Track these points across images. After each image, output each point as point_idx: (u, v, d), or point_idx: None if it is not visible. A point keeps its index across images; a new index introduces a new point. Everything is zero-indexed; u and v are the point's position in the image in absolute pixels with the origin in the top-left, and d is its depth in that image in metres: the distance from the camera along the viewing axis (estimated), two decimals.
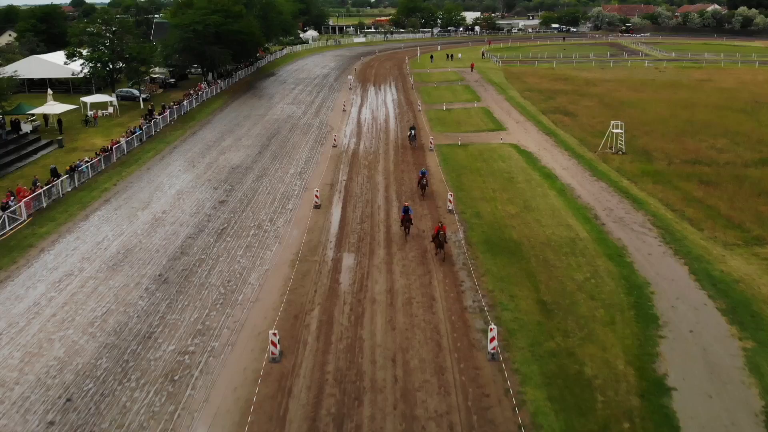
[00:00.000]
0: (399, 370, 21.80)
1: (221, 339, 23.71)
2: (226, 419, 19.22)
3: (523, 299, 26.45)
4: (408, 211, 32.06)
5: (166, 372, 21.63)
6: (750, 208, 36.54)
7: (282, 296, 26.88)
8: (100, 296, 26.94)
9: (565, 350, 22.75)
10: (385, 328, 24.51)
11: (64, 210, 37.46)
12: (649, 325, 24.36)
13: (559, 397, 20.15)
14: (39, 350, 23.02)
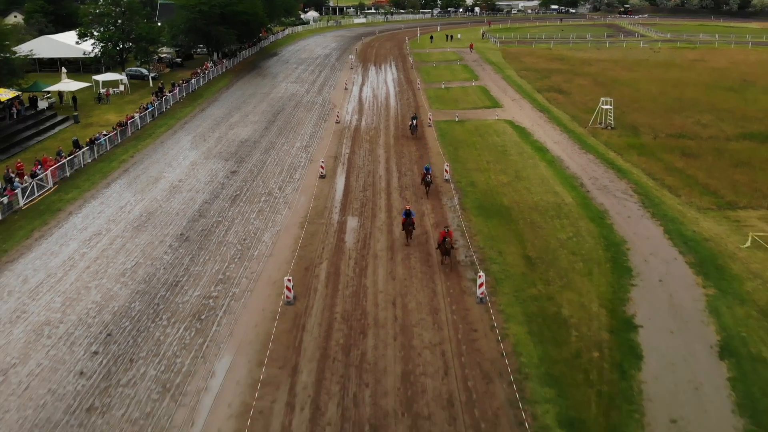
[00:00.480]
0: (398, 310, 24.66)
1: (240, 286, 26.56)
2: (250, 348, 22.14)
3: (511, 254, 29.25)
4: (410, 214, 29.50)
5: (193, 312, 24.51)
6: (726, 178, 39.24)
7: (293, 252, 29.67)
8: (128, 252, 29.76)
9: (546, 295, 25.59)
10: (386, 278, 27.33)
11: (86, 179, 40.18)
12: (622, 275, 27.18)
13: (538, 332, 23.03)
14: (78, 296, 25.87)
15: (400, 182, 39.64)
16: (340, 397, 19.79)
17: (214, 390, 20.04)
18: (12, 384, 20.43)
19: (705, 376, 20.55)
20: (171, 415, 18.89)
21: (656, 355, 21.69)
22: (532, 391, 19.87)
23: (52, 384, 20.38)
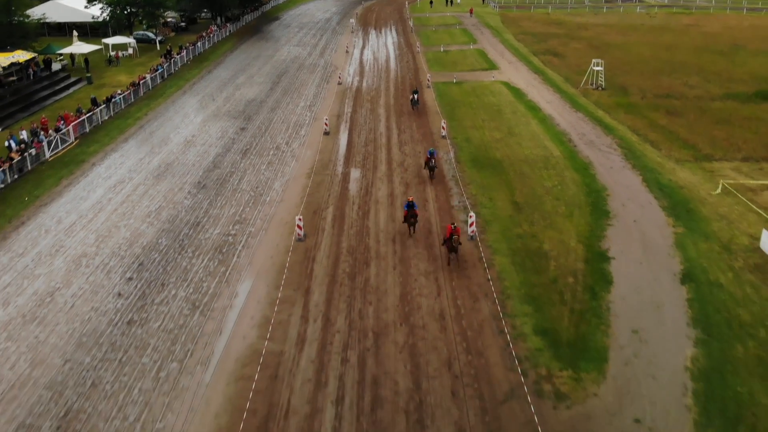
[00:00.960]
0: (398, 246, 27.55)
1: (256, 226, 29.42)
2: (267, 275, 25.09)
3: (500, 200, 32.04)
4: (413, 206, 27.66)
5: (215, 247, 27.42)
6: (706, 134, 41.83)
7: (302, 198, 32.47)
8: (151, 197, 32.57)
9: (530, 234, 28.45)
10: (386, 220, 30.17)
11: (105, 134, 42.80)
12: (600, 217, 30.02)
13: (521, 263, 25.95)
14: (109, 234, 28.75)
15: (400, 138, 42.23)
16: (347, 312, 22.78)
17: (238, 307, 23.04)
18: (59, 303, 23.41)
19: (666, 297, 23.50)
20: (201, 326, 21.90)
21: (625, 280, 24.63)
22: (512, 308, 22.85)
23: (94, 303, 23.36)
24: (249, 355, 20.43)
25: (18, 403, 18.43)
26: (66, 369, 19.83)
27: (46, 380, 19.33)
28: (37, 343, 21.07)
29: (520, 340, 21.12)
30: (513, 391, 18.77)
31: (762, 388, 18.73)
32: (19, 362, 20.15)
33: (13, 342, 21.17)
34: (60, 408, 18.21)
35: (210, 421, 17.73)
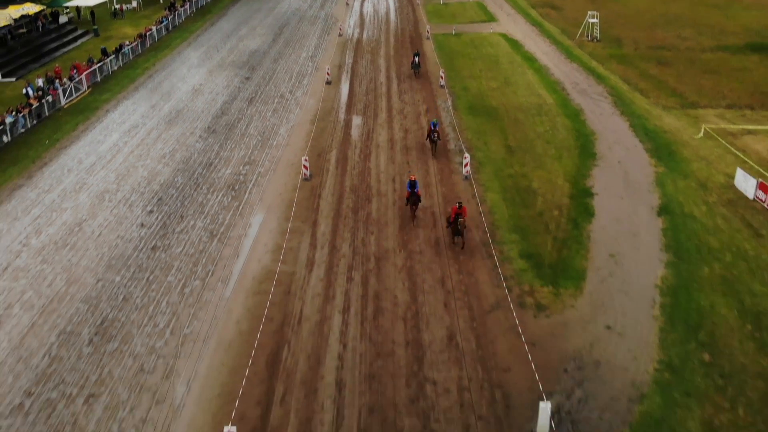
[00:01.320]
0: (397, 185, 29.61)
1: (264, 167, 31.44)
2: (277, 209, 27.24)
3: (494, 144, 33.97)
4: (415, 186, 25.62)
5: (227, 185, 29.49)
6: (694, 83, 43.47)
7: (307, 142, 34.38)
8: (165, 141, 34.51)
9: (520, 174, 30.48)
10: (387, 162, 32.17)
11: (116, 83, 44.44)
12: (587, 158, 32.00)
13: (511, 199, 28.05)
14: (128, 173, 30.79)
15: (399, 87, 43.89)
16: (351, 240, 25.00)
17: (252, 235, 25.24)
18: (87, 233, 25.60)
19: (643, 227, 25.68)
20: (220, 251, 24.14)
21: (606, 213, 26.78)
22: (501, 236, 25.05)
23: (120, 232, 25.56)
24: (264, 275, 22.70)
25: (58, 314, 20.75)
26: (99, 286, 22.12)
27: (81, 295, 21.62)
28: (70, 265, 23.32)
29: (506, 262, 23.36)
30: (498, 303, 21.08)
31: (723, 302, 21.02)
32: (55, 281, 22.43)
33: (49, 264, 23.43)
34: (96, 318, 20.54)
35: (232, 326, 20.08)
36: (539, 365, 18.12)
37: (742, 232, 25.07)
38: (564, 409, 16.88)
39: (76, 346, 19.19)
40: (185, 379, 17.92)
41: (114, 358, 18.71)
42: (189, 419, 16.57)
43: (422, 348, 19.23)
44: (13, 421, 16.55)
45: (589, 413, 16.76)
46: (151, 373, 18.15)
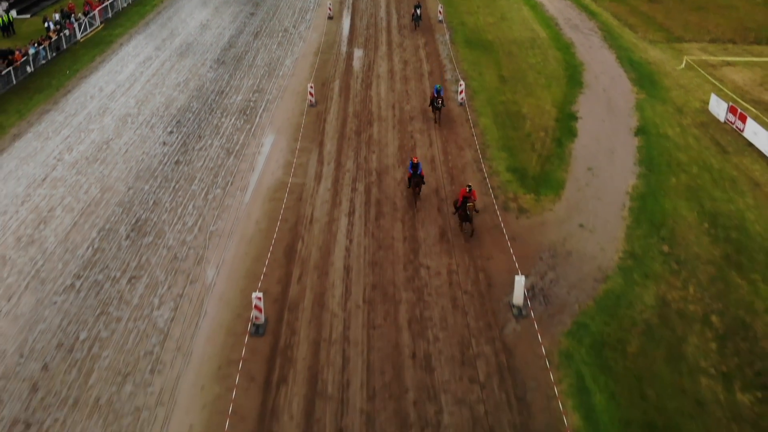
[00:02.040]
0: (397, 111, 31.97)
1: (272, 94, 33.74)
2: (286, 131, 29.69)
3: (488, 75, 36.15)
4: (417, 167, 23.38)
5: (239, 110, 31.87)
6: (682, 19, 45.26)
7: (311, 73, 36.54)
8: (178, 71, 36.68)
9: (512, 101, 32.81)
10: (387, 90, 34.44)
11: (127, 19, 46.23)
12: (575, 87, 34.27)
13: (501, 122, 30.46)
14: (146, 99, 33.11)
15: (399, 23, 45.71)
16: (355, 157, 27.56)
17: (265, 153, 27.79)
18: (114, 150, 28.14)
19: (620, 145, 28.21)
20: (237, 165, 26.74)
21: (587, 134, 29.26)
22: (491, 154, 27.61)
23: (145, 149, 28.10)
24: (278, 186, 25.37)
25: (96, 215, 23.48)
26: (131, 193, 24.81)
27: (115, 200, 24.33)
28: (102, 177, 25.96)
29: (494, 175, 25.99)
30: (485, 207, 23.78)
31: (685, 205, 23.72)
32: (91, 189, 25.11)
33: (83, 176, 26.06)
34: (131, 218, 23.29)
35: (252, 225, 22.85)
36: (518, 255, 20.94)
37: (710, 149, 27.61)
38: (537, 287, 19.78)
39: (115, 240, 22.00)
40: (214, 264, 20.78)
41: (150, 249, 21.54)
42: (219, 294, 19.49)
43: (418, 242, 22.04)
44: (66, 297, 19.46)
45: (559, 290, 19.66)
46: (183, 260, 20.99)
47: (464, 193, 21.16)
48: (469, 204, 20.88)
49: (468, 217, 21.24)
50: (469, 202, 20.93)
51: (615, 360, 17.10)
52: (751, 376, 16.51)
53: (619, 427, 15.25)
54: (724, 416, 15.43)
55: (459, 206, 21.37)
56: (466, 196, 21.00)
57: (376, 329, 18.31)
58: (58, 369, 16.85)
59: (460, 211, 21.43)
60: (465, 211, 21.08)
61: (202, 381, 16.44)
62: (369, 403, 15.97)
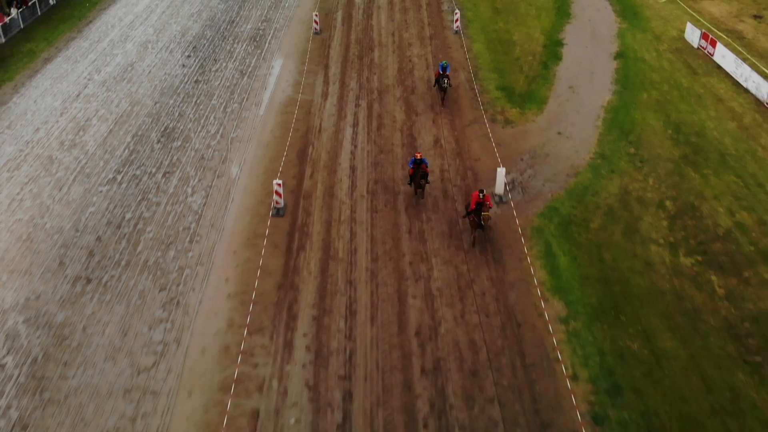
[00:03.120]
0: (396, 37, 34.50)
1: (280, 23, 36.18)
2: (293, 56, 32.31)
3: (483, 6, 38.46)
4: (421, 163, 20.96)
5: (250, 37, 34.40)
6: None
7: (315, 4, 38.82)
8: (191, 3, 39.00)
9: (503, 29, 35.28)
10: (387, 20, 36.85)
11: None
12: (563, 17, 36.63)
13: (494, 48, 33.03)
14: (163, 27, 35.57)
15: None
16: (358, 78, 30.28)
17: (275, 74, 30.49)
18: (138, 71, 30.81)
19: (600, 68, 30.86)
20: (250, 85, 29.49)
21: (571, 58, 31.87)
22: (482, 75, 30.30)
23: (166, 70, 30.78)
24: (288, 101, 28.18)
25: (129, 124, 26.37)
26: (157, 107, 27.65)
27: (144, 112, 27.19)
28: (131, 93, 28.74)
29: (484, 93, 28.77)
30: (475, 119, 26.67)
31: (653, 116, 26.55)
32: (121, 103, 27.93)
33: (113, 92, 28.84)
34: (160, 126, 26.20)
35: (268, 133, 25.79)
36: (502, 156, 23.93)
37: (682, 71, 30.30)
38: (517, 181, 22.85)
39: (148, 144, 24.97)
40: (237, 163, 23.81)
41: (180, 151, 24.53)
42: (243, 186, 22.57)
43: (415, 147, 24.98)
44: (109, 187, 22.53)
45: (536, 183, 22.73)
46: (210, 160, 24.01)
47: (477, 199, 18.89)
48: (485, 214, 18.68)
49: (482, 226, 18.99)
50: (484, 210, 18.72)
51: (579, 233, 20.30)
52: (694, 245, 19.70)
53: (578, 280, 18.51)
54: (668, 273, 18.68)
55: (471, 211, 19.16)
56: (480, 202, 18.81)
57: (378, 212, 21.45)
58: (110, 240, 20.04)
59: (472, 218, 19.15)
60: (479, 220, 18.83)
61: (234, 248, 19.66)
62: (373, 264, 19.21)
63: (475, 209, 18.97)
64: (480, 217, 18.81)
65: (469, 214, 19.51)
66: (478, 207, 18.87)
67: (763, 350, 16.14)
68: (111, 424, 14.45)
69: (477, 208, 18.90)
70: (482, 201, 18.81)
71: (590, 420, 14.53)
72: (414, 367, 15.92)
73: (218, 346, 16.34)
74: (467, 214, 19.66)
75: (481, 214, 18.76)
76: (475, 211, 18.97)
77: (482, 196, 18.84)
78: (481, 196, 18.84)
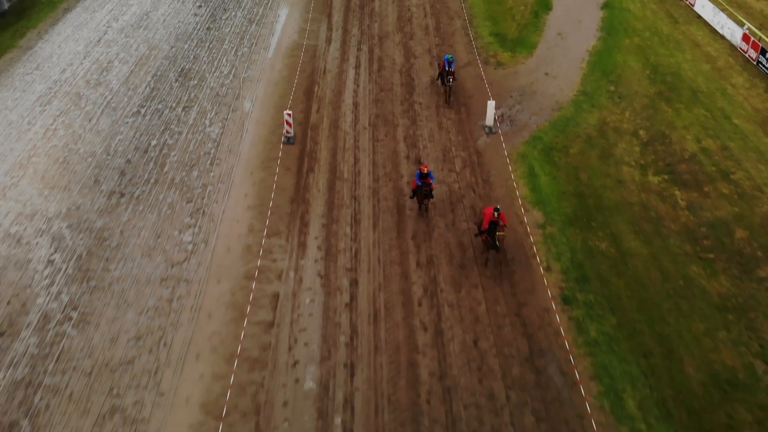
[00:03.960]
0: None
1: None
2: (298, 5, 34.20)
3: None
4: (428, 177, 19.10)
5: None
6: None
7: None
8: None
9: None
10: None
11: None
12: None
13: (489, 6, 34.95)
14: None
15: None
16: (359, 25, 32.25)
17: (281, 22, 32.43)
18: (153, 19, 32.73)
19: (587, 17, 32.77)
20: (259, 31, 31.46)
21: (561, 7, 33.71)
22: (476, 23, 32.28)
23: (180, 18, 32.72)
24: (294, 46, 30.22)
25: (148, 65, 28.44)
26: (173, 51, 29.70)
27: (162, 55, 29.24)
28: (148, 39, 30.74)
29: (478, 38, 30.79)
30: (469, 62, 28.76)
31: (633, 58, 28.58)
32: (140, 48, 29.95)
33: (131, 38, 30.84)
34: (177, 67, 28.29)
35: (276, 74, 27.89)
36: (493, 94, 26.09)
37: (664, 20, 32.25)
38: (506, 115, 25.07)
39: (167, 82, 27.11)
40: (249, 99, 25.99)
41: (196, 89, 26.68)
42: (256, 118, 24.79)
43: (413, 86, 27.16)
44: (135, 119, 24.74)
45: (523, 116, 24.96)
46: (224, 96, 26.18)
47: (491, 217, 17.30)
48: (500, 234, 17.08)
49: (496, 247, 17.38)
50: (499, 230, 17.12)
51: (559, 157, 22.61)
52: (662, 166, 22.01)
53: (556, 195, 20.87)
54: (637, 189, 21.03)
55: (485, 231, 17.60)
56: (494, 221, 17.19)
57: (379, 141, 23.72)
58: (139, 162, 22.34)
59: (485, 237, 17.69)
60: (494, 241, 17.24)
61: (251, 169, 21.97)
62: (374, 183, 21.55)
63: (489, 228, 17.27)
64: (494, 238, 17.09)
65: (481, 233, 17.81)
66: (492, 226, 17.18)
67: (715, 249, 18.56)
68: (151, 304, 16.90)
69: (491, 228, 17.19)
70: (497, 220, 17.09)
71: (560, 301, 17.01)
72: (410, 262, 18.36)
73: (241, 245, 18.75)
74: (479, 233, 18.02)
75: (495, 235, 17.04)
76: (489, 230, 17.27)
77: (497, 215, 17.08)
78: (495, 214, 17.09)
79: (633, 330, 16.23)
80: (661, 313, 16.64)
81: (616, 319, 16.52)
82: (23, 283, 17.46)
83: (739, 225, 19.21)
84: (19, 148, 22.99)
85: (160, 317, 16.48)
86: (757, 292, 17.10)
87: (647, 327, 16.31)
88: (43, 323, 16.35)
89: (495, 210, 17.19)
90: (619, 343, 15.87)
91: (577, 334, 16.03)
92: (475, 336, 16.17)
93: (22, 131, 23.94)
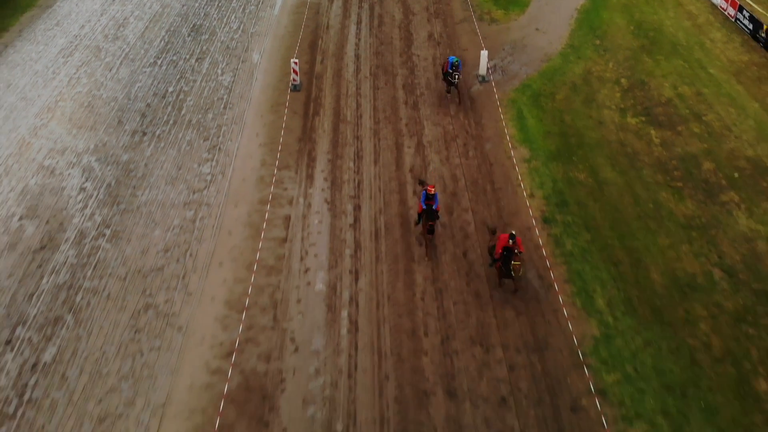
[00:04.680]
0: None
1: None
2: None
3: None
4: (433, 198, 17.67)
5: None
6: None
7: None
8: None
9: None
10: None
11: None
12: None
13: None
14: None
15: None
16: None
17: None
18: None
19: None
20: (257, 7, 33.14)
21: None
22: None
23: None
24: (299, 3, 31.91)
25: (162, 22, 30.15)
26: (185, 9, 31.39)
27: (174, 12, 30.95)
28: None
29: None
30: (465, 18, 30.50)
31: (619, 15, 30.25)
32: (153, 6, 31.62)
33: None
34: (189, 23, 30.02)
35: (282, 29, 29.65)
36: (487, 47, 27.82)
37: None
38: (498, 66, 26.88)
39: (180, 37, 28.87)
40: (257, 51, 27.78)
41: (208, 42, 28.46)
42: (264, 68, 26.61)
43: (411, 40, 28.93)
44: (152, 69, 26.55)
45: (513, 66, 26.77)
46: (234, 48, 27.97)
47: (505, 243, 16.17)
48: (516, 264, 15.98)
49: (511, 276, 16.28)
50: (514, 259, 15.98)
51: (546, 102, 24.50)
52: (640, 110, 23.90)
53: (542, 135, 22.79)
54: (615, 129, 22.95)
55: (499, 259, 16.42)
56: (509, 247, 16.08)
57: (379, 89, 25.58)
58: (158, 106, 24.22)
59: (499, 266, 16.54)
60: (509, 270, 16.14)
61: (261, 112, 23.86)
62: (375, 125, 23.47)
63: (503, 257, 16.20)
64: (509, 267, 16.09)
65: (495, 262, 16.69)
66: (506, 254, 16.09)
67: (684, 179, 20.53)
68: (176, 223, 18.92)
69: (506, 255, 16.11)
70: (511, 247, 15.95)
71: (541, 221, 19.02)
72: (408, 191, 20.35)
73: (255, 176, 20.71)
74: (493, 262, 16.89)
75: (510, 264, 16.01)
76: (503, 258, 16.19)
77: (512, 242, 15.93)
78: (511, 241, 15.94)
79: (605, 244, 18.26)
80: (632, 231, 18.66)
81: (591, 235, 18.54)
82: (59, 206, 19.45)
83: (707, 158, 21.18)
84: (46, 94, 24.85)
85: (185, 233, 18.49)
86: (719, 213, 19.12)
87: (618, 242, 18.34)
88: (80, 238, 18.36)
89: (510, 236, 16.00)
90: (592, 254, 17.91)
91: (555, 247, 18.06)
92: (464, 249, 18.20)
93: (47, 79, 25.78)
